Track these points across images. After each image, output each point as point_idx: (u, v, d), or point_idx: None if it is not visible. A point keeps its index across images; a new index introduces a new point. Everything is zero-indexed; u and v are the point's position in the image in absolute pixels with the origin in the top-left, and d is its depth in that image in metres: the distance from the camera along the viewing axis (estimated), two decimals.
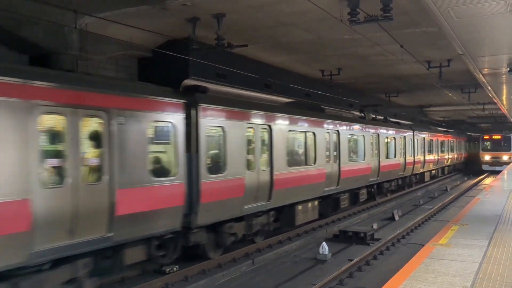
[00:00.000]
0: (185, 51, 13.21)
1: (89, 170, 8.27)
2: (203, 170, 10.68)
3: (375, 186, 22.77)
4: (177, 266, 10.81)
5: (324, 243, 12.89)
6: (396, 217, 19.09)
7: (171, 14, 11.88)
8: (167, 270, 10.59)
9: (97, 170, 8.37)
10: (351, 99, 25.75)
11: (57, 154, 7.83)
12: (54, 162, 7.80)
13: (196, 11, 11.75)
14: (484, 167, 45.09)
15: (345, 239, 14.70)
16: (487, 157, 45.44)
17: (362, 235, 14.45)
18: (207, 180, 10.73)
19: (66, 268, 8.02)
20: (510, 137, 46.18)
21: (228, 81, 15.55)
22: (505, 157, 44.82)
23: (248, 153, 12.46)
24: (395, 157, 25.03)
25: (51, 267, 7.77)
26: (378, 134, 22.51)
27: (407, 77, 22.61)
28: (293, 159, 14.90)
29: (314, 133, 16.07)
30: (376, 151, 22.09)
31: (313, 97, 21.42)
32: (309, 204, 15.53)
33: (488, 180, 34.57)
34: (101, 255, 8.64)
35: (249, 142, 12.59)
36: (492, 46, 13.04)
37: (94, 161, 8.37)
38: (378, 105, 25.44)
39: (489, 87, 21.40)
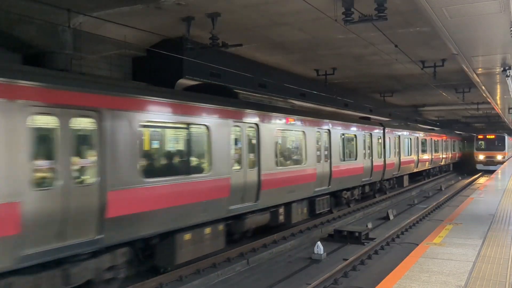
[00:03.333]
0: (179, 50, 13.20)
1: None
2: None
3: (329, 197, 17.75)
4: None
5: (319, 242, 12.90)
6: (391, 217, 19.13)
7: (166, 13, 11.86)
8: (161, 269, 10.56)
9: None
10: (346, 99, 25.82)
11: None
12: None
13: (191, 10, 11.73)
14: (479, 166, 45.32)
15: (340, 238, 14.71)
16: (481, 157, 45.67)
17: (357, 234, 14.47)
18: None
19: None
20: (504, 136, 46.42)
21: (223, 81, 15.54)
22: (499, 157, 45.06)
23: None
24: (356, 159, 20.10)
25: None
26: (329, 130, 17.54)
27: (401, 76, 22.67)
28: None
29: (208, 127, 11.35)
30: (326, 153, 17.38)
31: (308, 96, 21.46)
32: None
33: (482, 180, 34.72)
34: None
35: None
36: (486, 46, 13.09)
37: None
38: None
39: (483, 87, 21.49)
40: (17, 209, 6.92)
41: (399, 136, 26.32)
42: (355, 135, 20.09)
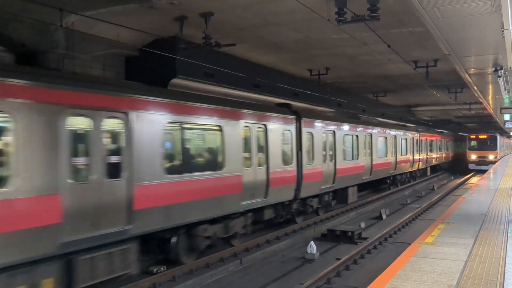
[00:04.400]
0: (172, 50, 13.15)
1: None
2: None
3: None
4: (164, 267, 10.76)
5: (312, 242, 12.93)
6: (384, 216, 19.20)
7: (158, 13, 11.82)
8: (154, 270, 10.54)
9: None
10: (339, 99, 25.86)
11: None
12: None
13: (184, 10, 11.70)
14: (471, 166, 45.58)
15: (333, 238, 14.75)
16: (473, 156, 45.94)
17: (350, 234, 14.51)
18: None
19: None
20: (496, 136, 46.72)
21: (216, 81, 15.52)
22: (491, 156, 45.34)
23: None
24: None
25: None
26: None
27: (394, 77, 22.74)
28: None
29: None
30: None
31: (302, 96, 21.47)
32: None
33: (474, 179, 34.91)
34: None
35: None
36: (478, 46, 13.17)
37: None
38: None
39: (475, 87, 21.62)
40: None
41: (334, 132, 19.01)
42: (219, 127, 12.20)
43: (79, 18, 10.86)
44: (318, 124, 17.63)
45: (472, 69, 16.92)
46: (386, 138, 25.90)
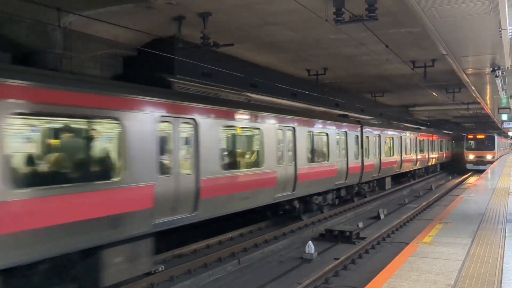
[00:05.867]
0: (170, 50, 13.16)
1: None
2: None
3: None
4: (162, 266, 10.74)
5: (310, 242, 12.92)
6: (382, 216, 19.21)
7: (157, 13, 11.83)
8: (153, 270, 10.51)
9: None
10: (337, 99, 25.89)
11: None
12: None
13: (182, 9, 11.71)
14: (468, 166, 45.66)
15: (331, 238, 14.74)
16: (471, 156, 46.02)
17: (348, 234, 14.50)
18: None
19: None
20: (494, 136, 46.81)
21: (214, 80, 15.52)
22: (488, 156, 45.42)
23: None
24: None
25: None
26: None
27: (392, 77, 22.78)
28: None
29: None
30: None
31: (300, 96, 21.48)
32: None
33: (472, 179, 34.95)
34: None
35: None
36: (476, 46, 13.19)
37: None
38: None
39: (473, 87, 21.66)
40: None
41: (379, 136, 23.93)
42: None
43: (77, 18, 10.85)
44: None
45: (470, 69, 16.95)
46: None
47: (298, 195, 15.64)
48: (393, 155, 27.19)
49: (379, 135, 24.41)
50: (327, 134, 17.98)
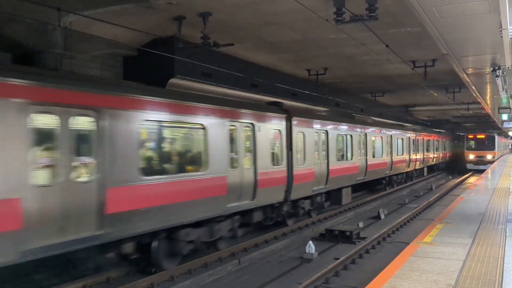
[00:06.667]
0: (170, 49, 13.14)
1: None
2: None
3: None
4: None
5: (310, 242, 12.92)
6: (382, 216, 19.21)
7: (157, 13, 11.82)
8: (153, 270, 10.52)
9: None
10: (337, 99, 25.88)
11: None
12: None
13: (182, 9, 11.70)
14: (469, 166, 45.66)
15: (331, 238, 14.74)
16: (471, 156, 46.02)
17: (348, 234, 14.51)
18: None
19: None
20: (494, 136, 46.80)
21: (214, 80, 15.52)
22: (489, 156, 45.42)
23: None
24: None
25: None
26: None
27: (392, 77, 22.77)
28: None
29: None
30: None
31: (299, 96, 21.48)
32: None
33: (472, 179, 34.95)
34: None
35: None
36: (476, 46, 13.18)
37: None
38: None
39: (473, 87, 21.64)
40: None
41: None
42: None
43: (77, 18, 10.84)
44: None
45: (470, 69, 16.94)
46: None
47: None
48: (350, 159, 20.80)
49: (326, 131, 18.23)
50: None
